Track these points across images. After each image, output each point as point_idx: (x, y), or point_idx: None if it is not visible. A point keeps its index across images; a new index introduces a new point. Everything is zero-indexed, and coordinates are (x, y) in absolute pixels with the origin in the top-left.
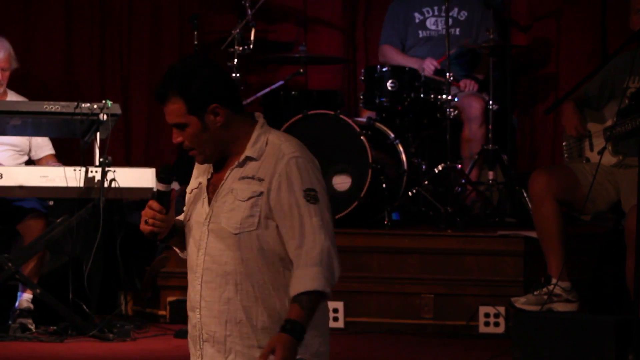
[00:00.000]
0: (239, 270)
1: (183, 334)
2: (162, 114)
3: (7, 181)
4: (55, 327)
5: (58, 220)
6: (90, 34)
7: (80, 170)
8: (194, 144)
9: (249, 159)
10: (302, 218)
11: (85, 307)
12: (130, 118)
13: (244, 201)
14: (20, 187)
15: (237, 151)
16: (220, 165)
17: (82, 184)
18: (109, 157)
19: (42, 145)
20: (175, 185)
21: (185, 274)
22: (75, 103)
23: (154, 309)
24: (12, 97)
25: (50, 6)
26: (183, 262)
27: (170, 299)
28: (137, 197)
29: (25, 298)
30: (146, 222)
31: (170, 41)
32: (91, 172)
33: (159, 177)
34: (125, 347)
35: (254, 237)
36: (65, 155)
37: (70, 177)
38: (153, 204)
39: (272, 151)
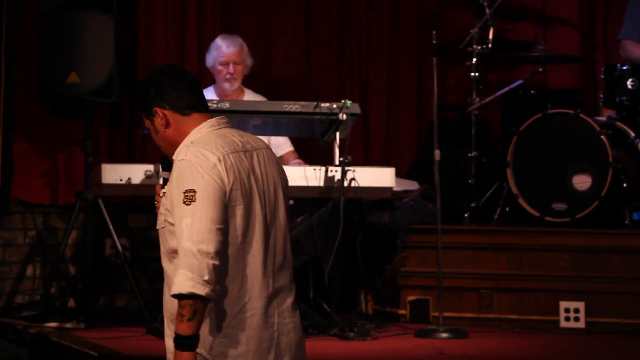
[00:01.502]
0: (162, 266)
1: (424, 334)
2: (400, 114)
3: None
4: None
5: (298, 220)
6: (329, 33)
7: (320, 169)
8: (157, 145)
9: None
10: (178, 220)
11: (326, 306)
12: (369, 117)
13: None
14: None
15: None
16: None
17: (322, 184)
18: (349, 157)
19: (282, 143)
20: (414, 185)
21: (425, 273)
22: (315, 103)
23: (394, 308)
24: (249, 95)
25: (290, 6)
26: (423, 262)
27: (410, 298)
28: (376, 197)
29: None
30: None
31: (408, 40)
32: (331, 171)
33: (163, 167)
34: (366, 346)
35: (163, 234)
36: (304, 155)
37: (310, 176)
38: (158, 188)
39: (176, 155)
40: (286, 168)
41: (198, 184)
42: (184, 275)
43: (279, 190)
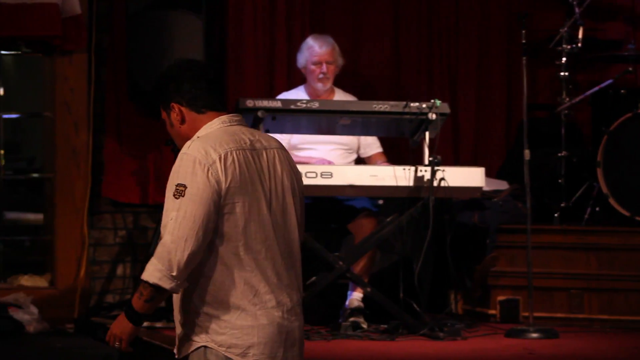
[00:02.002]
0: None
1: (514, 334)
2: (490, 114)
3: (338, 180)
4: (386, 326)
5: (388, 219)
6: (418, 33)
7: (409, 169)
8: (170, 138)
9: None
10: (165, 211)
11: (415, 305)
12: (458, 117)
13: None
14: (351, 186)
15: None
16: None
17: (411, 183)
18: (438, 157)
19: (371, 143)
20: (503, 185)
21: (515, 273)
22: (404, 102)
23: (484, 308)
24: (339, 95)
25: (378, 6)
26: (513, 262)
27: (500, 298)
28: (466, 196)
29: (355, 297)
30: None
31: (498, 39)
32: (420, 171)
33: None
34: (456, 346)
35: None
36: (393, 155)
37: (399, 176)
38: None
39: (183, 147)
40: (376, 168)
41: (190, 181)
42: (154, 265)
43: (288, 190)
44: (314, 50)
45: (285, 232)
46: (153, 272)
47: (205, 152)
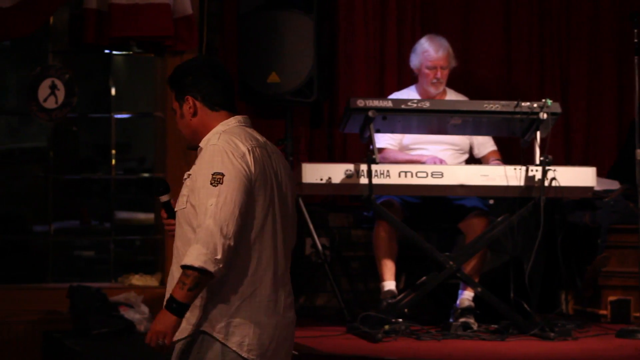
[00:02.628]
0: (176, 244)
1: (625, 334)
2: (601, 114)
3: (449, 180)
4: (496, 326)
5: (499, 219)
6: (529, 33)
7: (520, 169)
8: (178, 128)
9: (201, 148)
10: (203, 199)
11: (526, 305)
12: (569, 117)
13: (185, 182)
14: (461, 186)
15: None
16: None
17: (522, 183)
18: (549, 156)
19: (485, 142)
20: (615, 185)
21: (626, 273)
22: (515, 102)
23: (594, 308)
24: (450, 95)
25: (489, 5)
26: (624, 262)
27: (611, 298)
28: (577, 196)
29: (466, 296)
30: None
31: (609, 39)
32: (531, 171)
33: (157, 192)
34: (566, 347)
35: (185, 214)
36: (504, 154)
37: (510, 176)
38: (163, 214)
39: (206, 141)
40: (487, 168)
41: (227, 169)
42: (198, 249)
43: (289, 192)
44: (429, 54)
45: (286, 231)
46: (198, 256)
47: (234, 144)
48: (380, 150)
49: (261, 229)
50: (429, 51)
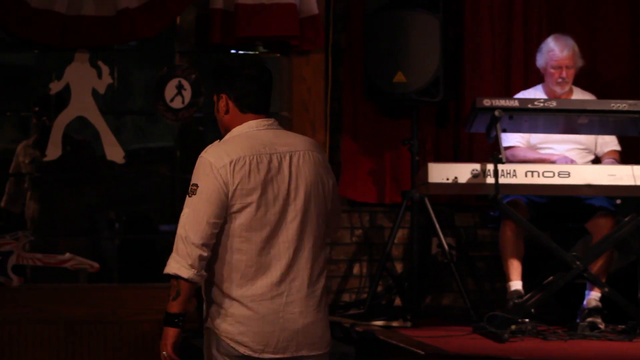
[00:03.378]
0: None
1: None
2: None
3: (575, 179)
4: (623, 326)
5: (626, 219)
6: None
7: None
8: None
9: None
10: (183, 208)
11: None
12: None
13: None
14: (588, 186)
15: None
16: None
17: None
18: None
19: (608, 142)
20: None
21: None
22: None
23: None
24: (577, 94)
25: (617, 4)
26: None
27: None
28: None
29: (593, 297)
30: None
31: None
32: None
33: None
34: None
35: None
36: (631, 154)
37: (637, 175)
38: None
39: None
40: (614, 168)
41: (202, 181)
42: (173, 258)
43: (311, 190)
44: (555, 54)
45: (305, 228)
46: (172, 264)
47: (218, 156)
48: (510, 148)
49: (250, 230)
50: (554, 50)
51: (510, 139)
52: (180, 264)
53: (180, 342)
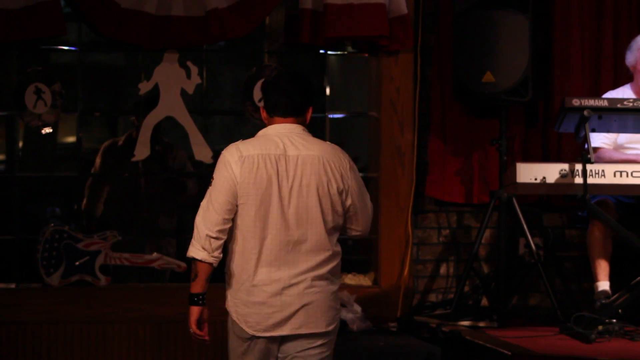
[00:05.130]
0: None
1: None
2: None
3: None
4: None
5: None
6: None
7: None
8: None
9: None
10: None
11: None
12: None
13: None
14: None
15: None
16: None
17: None
18: None
19: None
20: None
21: None
22: None
23: None
24: None
25: None
26: None
27: None
28: None
29: None
30: None
31: None
32: None
33: None
34: None
35: None
36: None
37: None
38: None
39: None
40: None
41: (217, 174)
42: (191, 243)
43: (313, 190)
44: None
45: (306, 223)
46: (190, 249)
47: (232, 152)
48: (595, 149)
49: (254, 222)
50: None
51: (595, 140)
52: (195, 247)
53: (206, 320)
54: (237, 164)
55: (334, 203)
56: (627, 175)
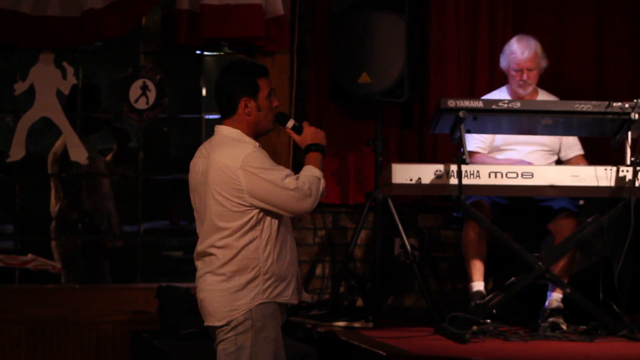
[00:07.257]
0: None
1: None
2: None
3: (539, 180)
4: (585, 327)
5: (589, 220)
6: (621, 31)
7: (611, 169)
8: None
9: None
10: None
11: (615, 306)
12: None
13: None
14: (552, 187)
15: None
16: None
17: (612, 184)
18: None
19: (572, 145)
20: None
21: None
22: (607, 102)
23: None
24: (542, 96)
25: (582, 3)
26: None
27: None
28: None
29: (555, 297)
30: None
31: None
32: (622, 171)
33: (284, 122)
34: None
35: None
36: (594, 155)
37: (600, 176)
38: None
39: None
40: (577, 168)
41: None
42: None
43: (207, 190)
44: (516, 56)
45: (207, 220)
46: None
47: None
48: (471, 154)
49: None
50: (515, 53)
51: (470, 144)
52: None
53: None
54: (192, 164)
55: (221, 201)
56: (502, 176)
